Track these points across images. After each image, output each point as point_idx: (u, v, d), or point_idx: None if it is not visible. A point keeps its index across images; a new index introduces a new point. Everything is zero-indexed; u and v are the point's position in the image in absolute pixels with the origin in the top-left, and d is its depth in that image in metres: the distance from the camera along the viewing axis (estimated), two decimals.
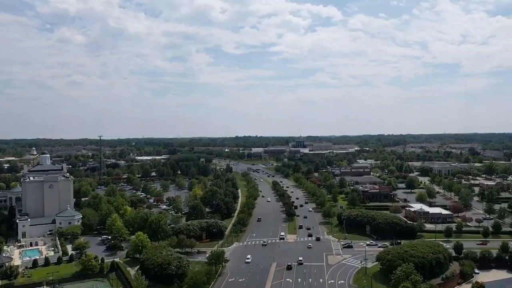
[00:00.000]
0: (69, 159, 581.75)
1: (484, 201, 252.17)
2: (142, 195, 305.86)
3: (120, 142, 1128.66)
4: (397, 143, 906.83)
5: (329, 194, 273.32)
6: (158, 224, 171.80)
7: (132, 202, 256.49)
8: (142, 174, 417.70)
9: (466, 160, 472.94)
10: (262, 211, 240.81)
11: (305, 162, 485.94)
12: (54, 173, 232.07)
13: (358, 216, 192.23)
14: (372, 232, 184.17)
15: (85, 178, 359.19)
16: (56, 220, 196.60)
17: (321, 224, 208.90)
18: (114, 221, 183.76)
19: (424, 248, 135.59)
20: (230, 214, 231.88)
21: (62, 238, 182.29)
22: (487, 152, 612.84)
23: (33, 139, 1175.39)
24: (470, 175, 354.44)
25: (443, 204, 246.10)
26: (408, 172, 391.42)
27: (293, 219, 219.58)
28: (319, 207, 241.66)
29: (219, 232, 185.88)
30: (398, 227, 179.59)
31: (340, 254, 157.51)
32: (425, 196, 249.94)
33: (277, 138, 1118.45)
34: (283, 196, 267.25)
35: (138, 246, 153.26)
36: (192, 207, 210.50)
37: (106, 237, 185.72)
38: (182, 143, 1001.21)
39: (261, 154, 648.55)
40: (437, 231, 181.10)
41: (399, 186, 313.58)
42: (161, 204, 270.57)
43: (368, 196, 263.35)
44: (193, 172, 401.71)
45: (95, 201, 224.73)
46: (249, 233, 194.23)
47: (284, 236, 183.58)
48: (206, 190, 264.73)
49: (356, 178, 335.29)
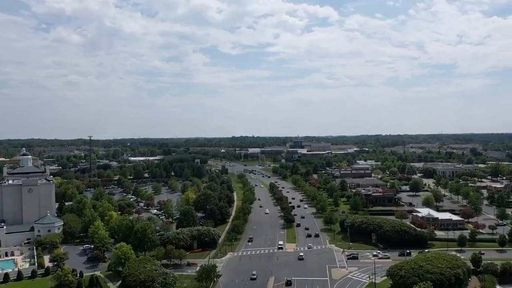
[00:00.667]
0: (60, 160, 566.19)
1: (494, 205, 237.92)
2: (132, 199, 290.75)
3: (115, 143, 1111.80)
4: (396, 143, 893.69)
5: (329, 197, 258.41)
6: (144, 233, 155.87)
7: (120, 207, 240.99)
8: (134, 176, 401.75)
9: (469, 161, 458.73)
10: (258, 217, 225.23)
11: (303, 163, 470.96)
12: (35, 175, 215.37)
13: (363, 223, 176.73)
14: (378, 240, 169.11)
15: (74, 180, 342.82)
16: (35, 228, 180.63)
17: (322, 232, 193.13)
18: (96, 228, 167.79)
19: (441, 261, 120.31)
20: (225, 219, 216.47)
21: (40, 248, 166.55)
22: (488, 152, 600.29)
23: (27, 139, 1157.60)
24: (476, 176, 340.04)
25: (451, 209, 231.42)
26: (411, 173, 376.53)
27: (292, 225, 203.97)
28: (320, 212, 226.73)
29: (211, 241, 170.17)
30: (407, 236, 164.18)
31: (345, 267, 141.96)
32: (432, 200, 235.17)
33: (274, 139, 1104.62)
34: (281, 200, 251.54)
35: (121, 259, 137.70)
36: (183, 213, 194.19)
37: (88, 246, 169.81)
38: (177, 143, 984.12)
39: (258, 155, 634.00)
40: (449, 239, 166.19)
41: (402, 188, 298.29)
42: (152, 209, 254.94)
43: (371, 200, 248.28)
44: (187, 174, 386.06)
45: (79, 206, 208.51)
46: (244, 242, 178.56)
47: (282, 245, 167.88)
48: (199, 193, 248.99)
49: (357, 180, 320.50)
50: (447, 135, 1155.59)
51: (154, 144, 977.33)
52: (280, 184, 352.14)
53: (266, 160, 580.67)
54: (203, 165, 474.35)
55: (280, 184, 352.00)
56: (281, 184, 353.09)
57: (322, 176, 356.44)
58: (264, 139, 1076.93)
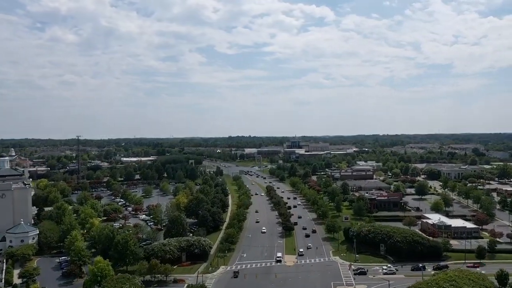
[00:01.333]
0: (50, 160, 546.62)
1: (506, 210, 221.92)
2: (121, 203, 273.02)
3: (109, 143, 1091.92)
4: (395, 143, 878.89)
5: (331, 201, 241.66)
6: (126, 245, 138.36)
7: (105, 212, 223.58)
8: (125, 177, 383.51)
9: (473, 162, 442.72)
10: (254, 224, 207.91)
11: (301, 164, 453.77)
12: (11, 179, 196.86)
13: (371, 233, 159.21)
14: (387, 252, 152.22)
15: (59, 183, 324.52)
16: (6, 238, 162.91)
17: (325, 241, 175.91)
18: (73, 239, 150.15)
19: (466, 282, 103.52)
20: (218, 226, 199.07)
21: (11, 261, 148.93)
22: (490, 153, 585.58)
23: (20, 139, 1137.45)
24: (483, 178, 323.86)
25: (462, 214, 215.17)
26: (414, 175, 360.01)
27: (292, 234, 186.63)
28: (321, 217, 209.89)
29: (202, 253, 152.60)
30: (420, 247, 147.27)
31: (352, 284, 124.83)
32: (441, 205, 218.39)
33: (271, 138, 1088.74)
34: (279, 205, 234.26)
35: (97, 276, 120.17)
36: (171, 221, 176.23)
37: (65, 259, 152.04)
38: (172, 143, 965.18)
39: (254, 155, 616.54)
40: (467, 250, 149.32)
41: (407, 191, 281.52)
42: (140, 214, 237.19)
43: (375, 205, 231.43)
44: (180, 176, 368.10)
45: (58, 213, 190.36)
46: (238, 253, 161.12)
47: (281, 258, 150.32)
48: (191, 197, 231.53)
49: (359, 183, 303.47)
50: (445, 135, 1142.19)
51: (149, 144, 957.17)
52: (278, 186, 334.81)
53: (263, 160, 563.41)
54: (197, 166, 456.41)
55: (278, 186, 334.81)
56: (279, 186, 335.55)
57: (321, 178, 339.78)
58: (261, 139, 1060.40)
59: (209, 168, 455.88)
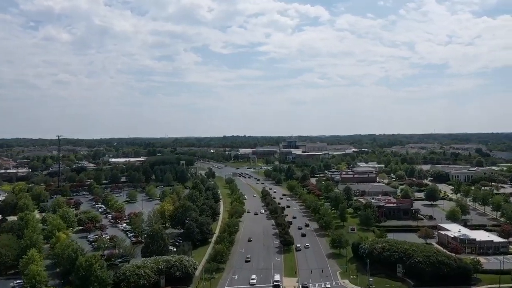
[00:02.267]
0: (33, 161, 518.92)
1: None
2: (101, 209, 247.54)
3: (101, 142, 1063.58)
4: (393, 143, 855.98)
5: (333, 208, 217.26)
6: (90, 269, 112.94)
7: (80, 222, 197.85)
8: (110, 180, 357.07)
9: (478, 163, 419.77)
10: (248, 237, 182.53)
11: (298, 165, 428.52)
12: None
13: (385, 250, 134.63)
14: (405, 274, 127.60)
15: (36, 186, 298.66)
16: None
17: (330, 258, 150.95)
18: (30, 259, 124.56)
19: None
20: (206, 239, 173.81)
21: None
22: (494, 153, 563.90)
23: (11, 139, 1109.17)
24: (495, 181, 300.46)
25: (481, 224, 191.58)
26: (421, 178, 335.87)
27: (291, 249, 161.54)
28: (324, 228, 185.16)
29: (185, 276, 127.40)
30: (446, 269, 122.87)
31: None
32: (458, 213, 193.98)
33: (267, 138, 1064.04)
34: (275, 212, 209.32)
35: None
36: (150, 235, 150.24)
37: (20, 283, 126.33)
38: (165, 143, 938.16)
39: (249, 156, 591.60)
40: (501, 271, 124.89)
41: (415, 196, 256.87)
42: (121, 223, 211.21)
43: (384, 213, 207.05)
44: (168, 178, 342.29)
45: (20, 224, 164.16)
46: (229, 274, 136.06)
47: (279, 283, 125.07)
48: (177, 205, 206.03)
49: (362, 187, 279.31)
50: (442, 135, 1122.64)
51: (141, 144, 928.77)
52: (274, 190, 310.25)
53: (258, 161, 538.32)
54: (189, 167, 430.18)
55: (275, 190, 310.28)
56: (275, 190, 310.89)
57: (320, 181, 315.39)
58: (256, 139, 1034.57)
59: (201, 170, 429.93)
